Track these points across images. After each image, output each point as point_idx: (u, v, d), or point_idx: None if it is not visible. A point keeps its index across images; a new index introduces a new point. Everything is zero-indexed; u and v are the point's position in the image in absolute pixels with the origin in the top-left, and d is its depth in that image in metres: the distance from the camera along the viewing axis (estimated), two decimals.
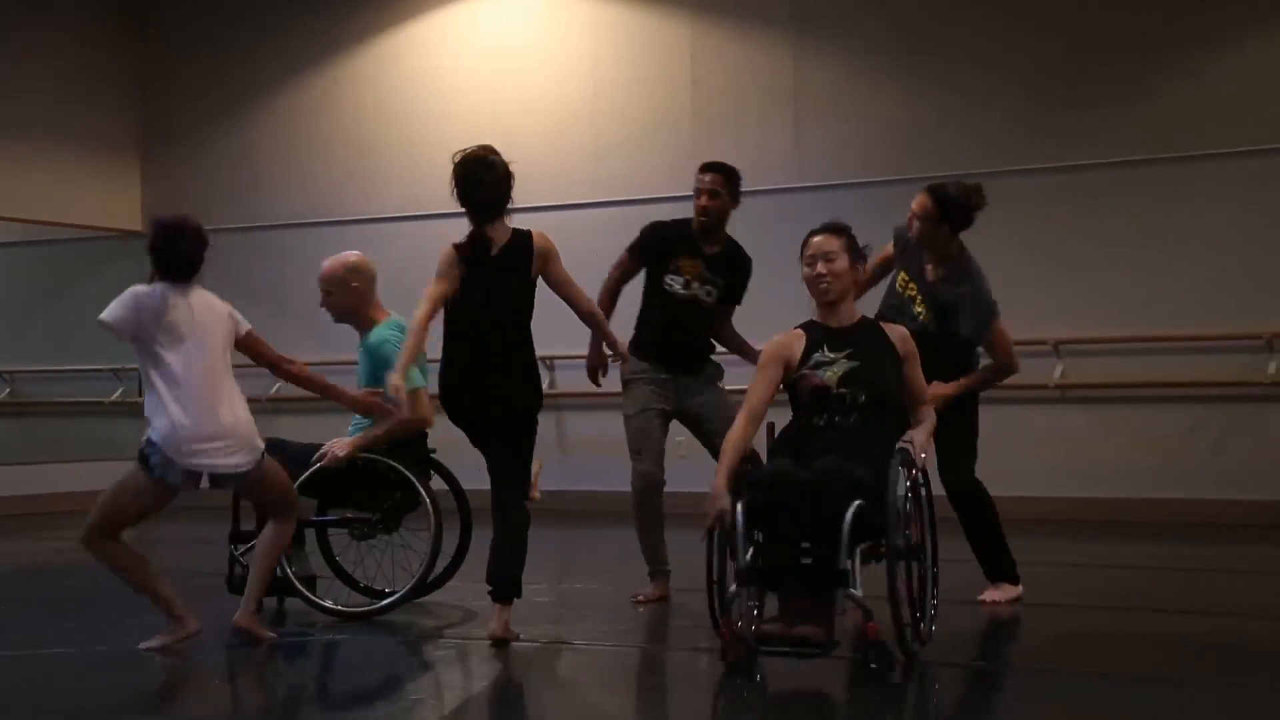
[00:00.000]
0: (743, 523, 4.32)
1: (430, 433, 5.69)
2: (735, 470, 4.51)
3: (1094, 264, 8.95)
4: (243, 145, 11.56)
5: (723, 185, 5.80)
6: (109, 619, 5.54)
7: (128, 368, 11.03)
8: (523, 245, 5.06)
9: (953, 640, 4.77)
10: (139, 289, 4.92)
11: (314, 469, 5.46)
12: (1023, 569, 5.70)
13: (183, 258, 4.93)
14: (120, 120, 11.74)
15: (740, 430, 4.64)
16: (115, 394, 11.57)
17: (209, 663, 4.96)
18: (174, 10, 11.86)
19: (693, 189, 5.88)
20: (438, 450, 5.72)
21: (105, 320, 4.87)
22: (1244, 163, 8.67)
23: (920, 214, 5.51)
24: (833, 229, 4.81)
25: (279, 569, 5.37)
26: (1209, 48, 8.84)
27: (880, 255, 5.66)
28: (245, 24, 11.54)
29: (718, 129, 9.93)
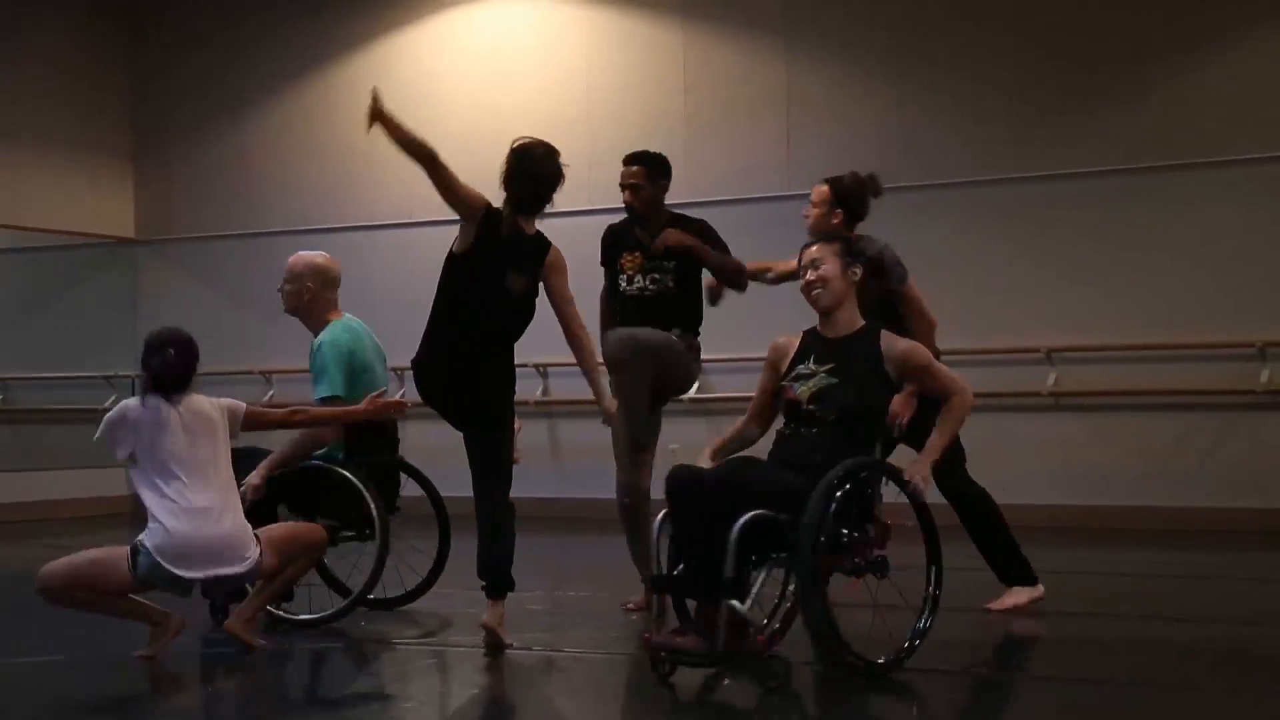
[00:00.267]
0: (657, 527, 4.39)
1: (408, 438, 5.74)
2: (713, 453, 4.59)
3: (1087, 271, 8.96)
4: (236, 152, 11.55)
5: (644, 178, 5.74)
6: (101, 625, 5.51)
7: (120, 374, 11.02)
8: (541, 247, 5.07)
9: (946, 647, 4.77)
10: (128, 404, 4.95)
11: (277, 478, 5.46)
12: None
13: (169, 371, 4.93)
14: (113, 127, 11.73)
15: (736, 425, 4.78)
16: (108, 400, 11.53)
17: (198, 669, 4.96)
18: (167, 15, 11.84)
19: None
20: (420, 456, 5.73)
21: (101, 439, 4.94)
22: (1237, 170, 8.69)
23: (818, 201, 5.57)
24: (824, 237, 4.84)
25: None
26: (1203, 55, 8.86)
27: (786, 265, 5.63)
28: (238, 30, 11.53)
29: (710, 134, 9.94)
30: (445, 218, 5.21)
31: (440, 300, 5.08)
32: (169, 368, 4.92)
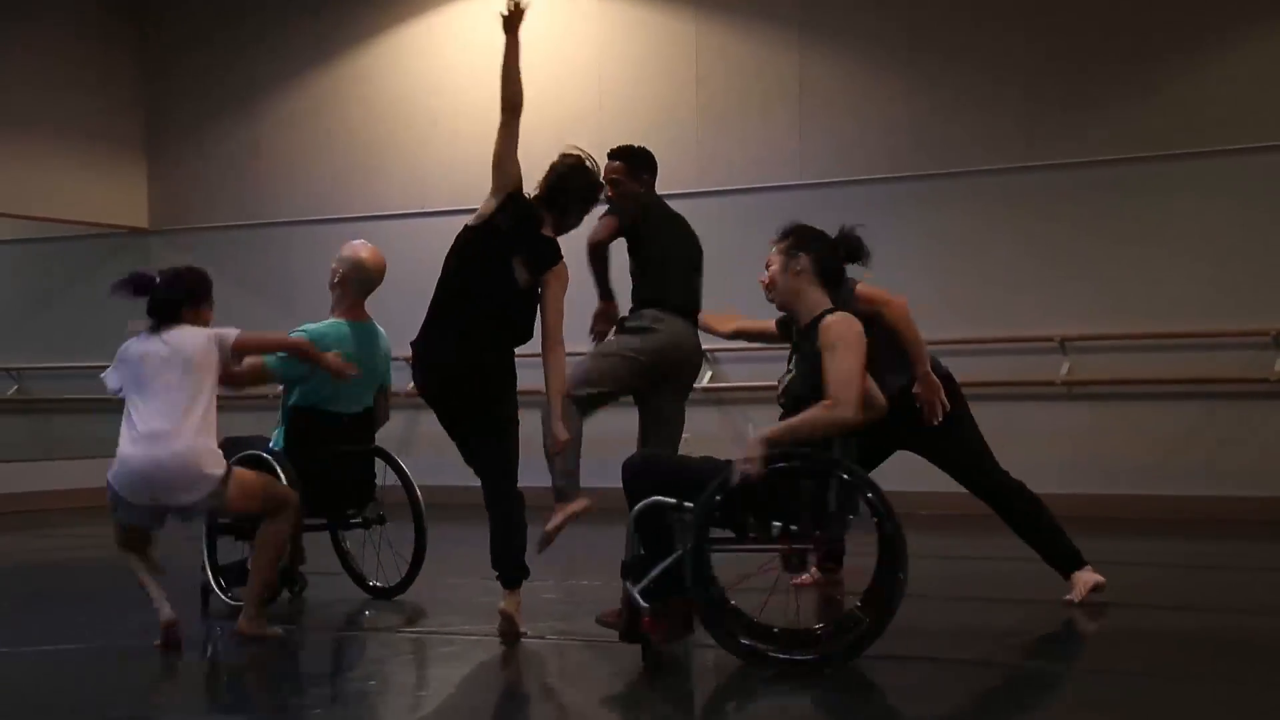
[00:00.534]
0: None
1: (385, 427, 5.83)
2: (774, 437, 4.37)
3: (1100, 260, 8.95)
4: (247, 142, 11.58)
5: (623, 173, 5.62)
6: (118, 613, 5.55)
7: None
8: (553, 251, 5.02)
9: (956, 637, 4.77)
10: (127, 341, 5.01)
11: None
12: (1027, 565, 5.70)
13: (154, 300, 4.99)
14: (126, 116, 11.76)
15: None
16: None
17: (217, 658, 4.99)
18: (179, 5, 11.87)
19: None
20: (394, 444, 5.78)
21: (106, 385, 5.03)
22: (1251, 158, 8.66)
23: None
24: (779, 234, 4.69)
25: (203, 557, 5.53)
26: (1216, 41, 8.83)
27: (759, 325, 5.46)
28: (250, 19, 11.55)
29: (722, 126, 9.94)
30: (454, 207, 5.22)
31: (442, 284, 5.03)
32: (154, 297, 4.98)
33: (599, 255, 5.31)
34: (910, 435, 5.49)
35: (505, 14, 5.03)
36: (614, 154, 5.76)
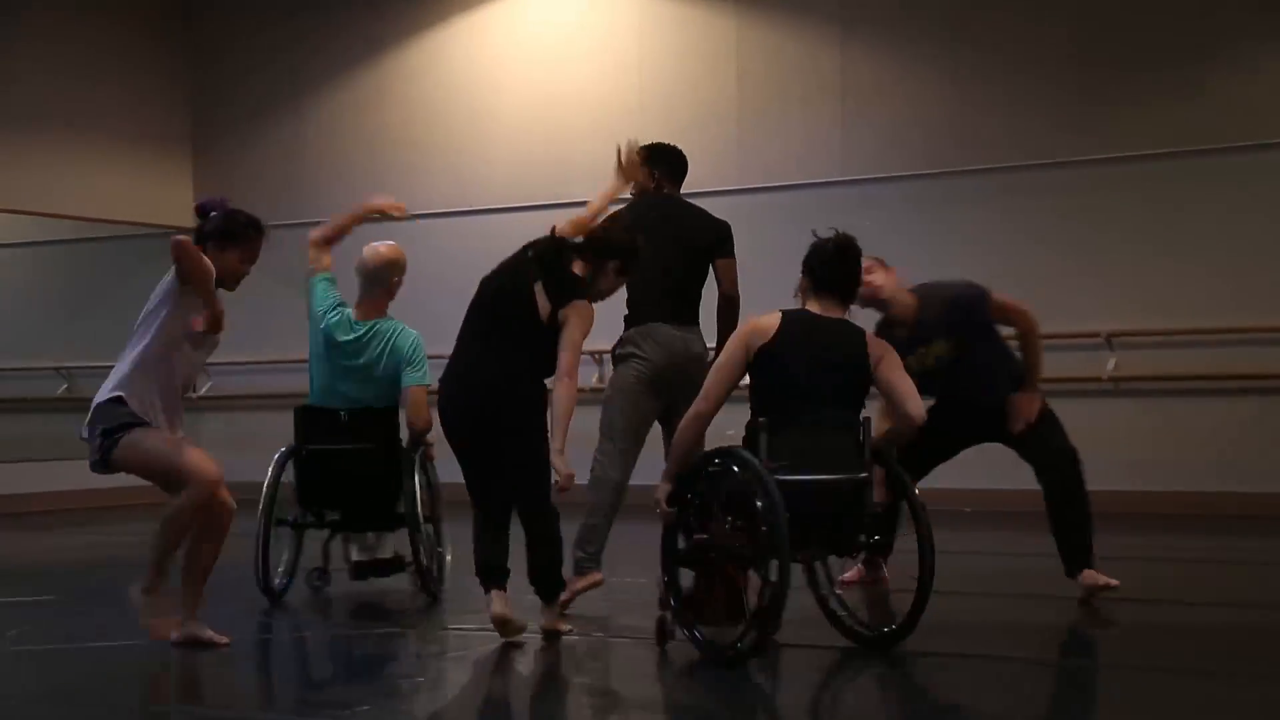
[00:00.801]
0: None
1: None
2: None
3: (1147, 255, 8.86)
4: (291, 141, 11.66)
5: (642, 159, 5.70)
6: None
7: None
8: (578, 288, 4.94)
9: (1019, 632, 4.73)
10: None
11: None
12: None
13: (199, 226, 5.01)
14: (171, 115, 11.87)
15: None
16: None
17: (261, 651, 5.02)
18: (223, 4, 11.97)
19: None
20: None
21: None
22: None
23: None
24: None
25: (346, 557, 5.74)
26: (1270, 33, 8.71)
27: None
28: (295, 17, 11.63)
29: (763, 122, 9.91)
30: (497, 206, 5.22)
31: (466, 317, 5.04)
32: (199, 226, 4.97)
33: None
34: (992, 435, 5.69)
35: (629, 163, 5.33)
36: (644, 146, 5.79)
